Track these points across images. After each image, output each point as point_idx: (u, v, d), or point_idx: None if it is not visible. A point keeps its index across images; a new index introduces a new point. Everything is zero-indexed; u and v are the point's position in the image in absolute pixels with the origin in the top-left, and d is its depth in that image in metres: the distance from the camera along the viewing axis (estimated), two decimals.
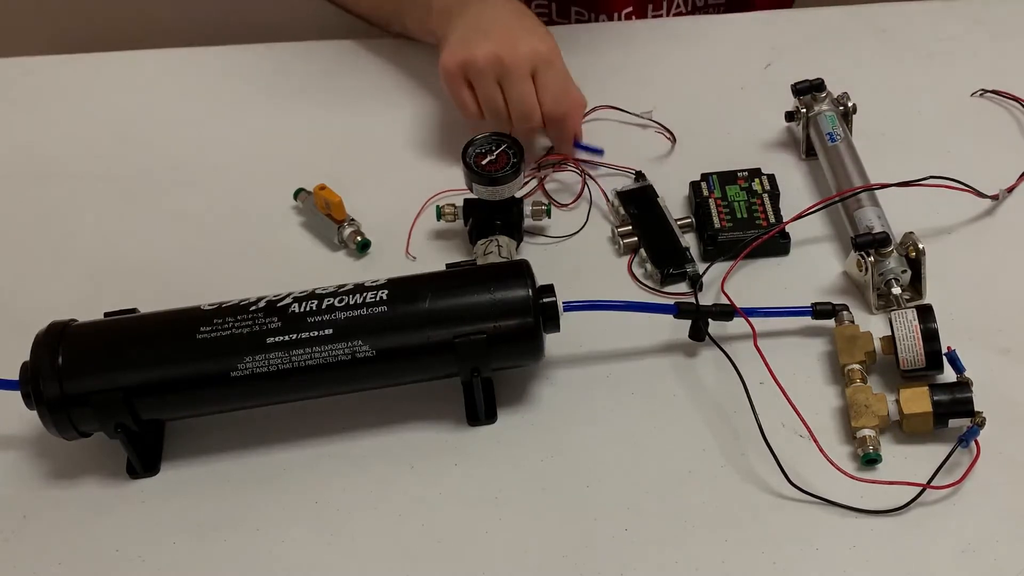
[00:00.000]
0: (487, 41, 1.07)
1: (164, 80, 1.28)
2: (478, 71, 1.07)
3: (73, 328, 0.91)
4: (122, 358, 0.90)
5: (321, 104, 1.22)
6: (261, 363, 0.88)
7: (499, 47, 1.07)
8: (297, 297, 0.90)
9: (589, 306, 0.94)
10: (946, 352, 0.91)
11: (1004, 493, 0.88)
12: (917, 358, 0.91)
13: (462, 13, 1.12)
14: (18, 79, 1.29)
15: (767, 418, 0.93)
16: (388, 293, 0.90)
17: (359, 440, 0.95)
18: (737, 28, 1.27)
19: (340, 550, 0.89)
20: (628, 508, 0.89)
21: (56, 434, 0.90)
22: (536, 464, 0.93)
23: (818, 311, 0.97)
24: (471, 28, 1.10)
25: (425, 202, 1.09)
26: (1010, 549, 0.85)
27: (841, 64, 1.20)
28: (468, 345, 0.89)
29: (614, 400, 0.96)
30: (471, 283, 0.92)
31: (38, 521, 0.92)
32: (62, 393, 0.88)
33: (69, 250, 1.11)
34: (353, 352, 0.89)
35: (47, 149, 1.21)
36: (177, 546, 0.90)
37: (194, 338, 0.89)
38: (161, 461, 0.95)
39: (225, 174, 1.17)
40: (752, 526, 0.88)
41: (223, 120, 1.22)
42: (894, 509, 0.87)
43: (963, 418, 0.89)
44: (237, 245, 1.10)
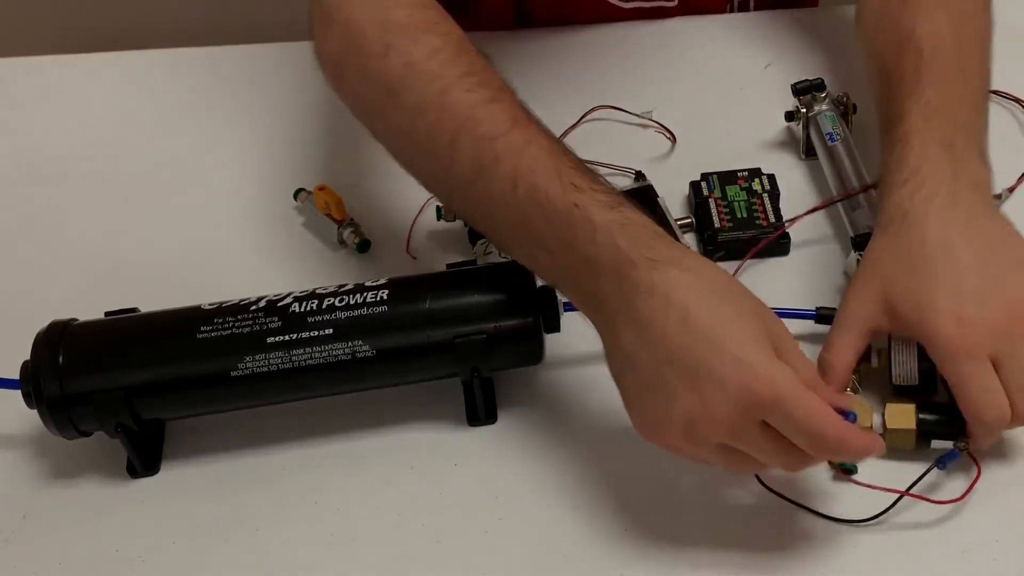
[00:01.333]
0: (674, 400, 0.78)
1: (164, 80, 1.27)
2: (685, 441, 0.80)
3: (74, 327, 0.91)
4: (122, 357, 0.90)
5: (321, 104, 1.22)
6: (261, 363, 0.88)
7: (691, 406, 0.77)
8: (297, 297, 0.90)
9: None
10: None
11: (1004, 494, 0.88)
12: (910, 375, 0.89)
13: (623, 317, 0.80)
14: (18, 79, 1.29)
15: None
16: (388, 293, 0.90)
17: (359, 440, 0.95)
18: (737, 28, 1.27)
19: (340, 550, 0.88)
20: (628, 508, 0.89)
21: (56, 433, 0.90)
22: (536, 464, 0.92)
23: (821, 315, 0.97)
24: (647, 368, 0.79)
25: (425, 202, 1.09)
26: (1010, 549, 0.85)
27: (841, 64, 1.20)
28: (468, 345, 0.89)
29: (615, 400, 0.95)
30: (471, 283, 0.92)
31: (38, 521, 0.92)
32: (62, 392, 0.88)
33: (70, 250, 1.11)
34: (353, 352, 0.89)
35: (47, 149, 1.21)
36: (177, 546, 0.90)
37: (194, 338, 0.89)
38: (161, 460, 0.95)
39: (225, 174, 1.17)
40: (752, 526, 0.87)
41: (223, 120, 1.22)
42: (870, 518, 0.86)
43: (947, 440, 0.87)
44: (238, 245, 1.10)
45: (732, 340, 0.77)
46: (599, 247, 0.80)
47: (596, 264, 0.80)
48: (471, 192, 0.87)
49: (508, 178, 0.83)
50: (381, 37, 0.90)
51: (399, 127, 0.91)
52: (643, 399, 0.81)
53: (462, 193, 0.88)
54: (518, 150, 0.84)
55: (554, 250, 0.83)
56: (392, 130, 0.92)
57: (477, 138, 0.85)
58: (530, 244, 0.85)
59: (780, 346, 0.79)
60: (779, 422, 0.76)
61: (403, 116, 0.89)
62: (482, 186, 0.85)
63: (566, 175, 0.83)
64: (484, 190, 0.85)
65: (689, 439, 0.79)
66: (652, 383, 0.79)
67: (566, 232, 0.81)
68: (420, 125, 0.88)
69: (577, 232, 0.81)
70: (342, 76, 0.95)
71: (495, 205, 0.85)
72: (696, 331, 0.77)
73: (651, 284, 0.78)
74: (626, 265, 0.79)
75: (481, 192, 0.85)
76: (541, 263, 0.86)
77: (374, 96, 0.91)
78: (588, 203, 0.81)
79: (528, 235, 0.84)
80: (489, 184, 0.85)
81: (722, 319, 0.78)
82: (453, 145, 0.86)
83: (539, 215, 0.82)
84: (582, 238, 0.81)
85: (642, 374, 0.79)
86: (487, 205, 0.86)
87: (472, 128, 0.85)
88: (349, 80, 0.94)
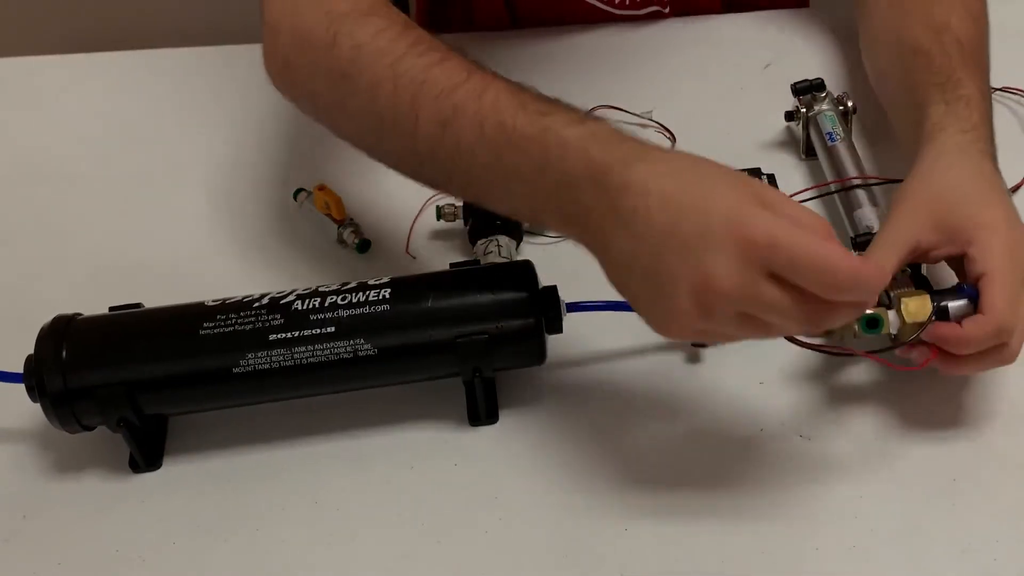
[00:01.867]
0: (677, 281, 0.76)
1: (164, 80, 1.27)
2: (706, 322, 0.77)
3: (77, 322, 0.91)
4: (126, 352, 0.90)
5: None
6: (263, 360, 0.88)
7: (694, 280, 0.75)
8: (300, 294, 0.90)
9: (592, 307, 0.94)
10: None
11: (1004, 493, 0.89)
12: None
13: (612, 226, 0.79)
14: (18, 79, 1.29)
15: (767, 419, 0.93)
16: (391, 292, 0.90)
17: (360, 439, 0.95)
18: (737, 28, 1.27)
19: (340, 550, 0.88)
20: (628, 508, 0.89)
21: (59, 427, 0.90)
22: (536, 464, 0.93)
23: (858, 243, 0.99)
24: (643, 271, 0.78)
25: (425, 202, 1.09)
26: (1010, 549, 0.85)
27: (841, 64, 1.21)
28: (470, 345, 0.90)
29: (615, 401, 0.96)
30: (474, 283, 0.92)
31: (39, 516, 0.92)
32: (65, 386, 0.88)
33: (73, 248, 1.11)
34: (355, 350, 0.89)
35: (47, 149, 1.21)
36: (177, 546, 0.90)
37: (197, 334, 0.89)
38: (164, 456, 0.95)
39: (225, 174, 1.17)
40: (752, 526, 0.88)
41: (223, 120, 1.22)
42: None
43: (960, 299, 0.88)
44: (239, 245, 1.10)
45: (716, 204, 0.75)
46: (574, 163, 0.79)
47: (574, 180, 0.79)
48: (440, 151, 0.86)
49: (474, 123, 0.83)
50: (327, 29, 0.90)
51: (359, 109, 0.90)
52: (649, 295, 0.79)
53: (431, 155, 0.87)
54: (478, 94, 0.84)
55: (531, 179, 0.81)
56: (352, 116, 0.92)
57: (436, 96, 0.85)
58: (506, 180, 0.83)
59: (770, 201, 0.76)
60: (783, 266, 0.73)
61: (361, 98, 0.89)
62: (450, 140, 0.84)
63: (530, 105, 0.82)
64: (452, 143, 0.84)
65: (705, 316, 0.76)
66: (652, 275, 0.77)
67: (540, 157, 0.80)
68: (379, 100, 0.87)
69: (550, 154, 0.80)
70: (294, 79, 0.95)
71: (465, 155, 0.84)
72: (679, 208, 0.75)
73: (626, 183, 0.77)
74: (601, 173, 0.78)
75: (450, 146, 0.85)
76: (520, 198, 0.84)
77: (329, 87, 0.91)
78: (556, 124, 0.80)
79: (502, 172, 0.83)
80: (457, 135, 0.84)
81: (702, 190, 0.76)
82: (414, 108, 0.85)
83: (510, 148, 0.82)
84: (555, 158, 0.80)
85: (641, 271, 0.78)
86: (457, 158, 0.85)
87: (429, 88, 0.85)
88: (302, 80, 0.94)
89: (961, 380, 0.94)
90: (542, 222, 0.86)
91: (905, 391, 0.94)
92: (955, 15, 1.01)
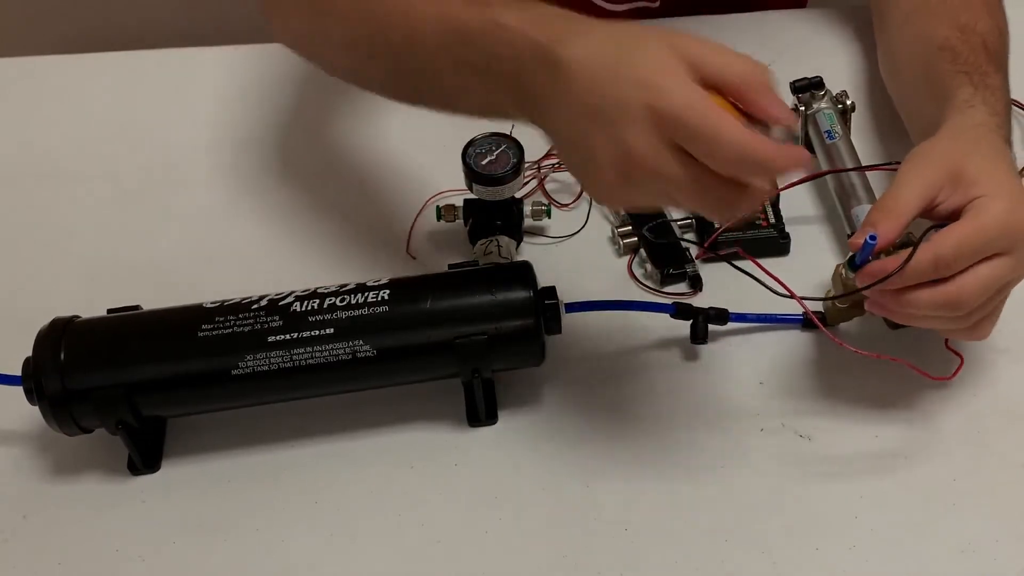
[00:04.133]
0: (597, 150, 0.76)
1: (164, 80, 1.27)
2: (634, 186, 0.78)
3: (76, 324, 0.91)
4: (124, 355, 0.90)
5: (321, 104, 1.22)
6: (262, 361, 0.88)
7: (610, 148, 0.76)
8: (299, 296, 0.90)
9: (590, 306, 0.94)
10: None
11: (1004, 493, 0.89)
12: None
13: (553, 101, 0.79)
14: (18, 79, 1.29)
15: (768, 418, 0.93)
16: (390, 293, 0.90)
17: (359, 440, 0.95)
18: (737, 28, 1.27)
19: (340, 550, 0.89)
20: (628, 508, 0.90)
21: (57, 430, 0.90)
22: (536, 464, 0.93)
23: (807, 321, 0.98)
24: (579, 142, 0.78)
25: (425, 202, 1.09)
26: (1010, 549, 0.86)
27: (841, 64, 1.21)
28: (469, 346, 0.90)
29: (615, 400, 0.96)
30: (473, 284, 0.92)
31: (38, 519, 0.92)
32: (64, 389, 0.88)
33: (71, 249, 1.11)
34: (354, 351, 0.89)
35: (47, 149, 1.21)
36: (177, 545, 0.90)
37: (196, 336, 0.89)
38: (162, 458, 0.95)
39: (225, 174, 1.17)
40: (752, 526, 0.88)
41: (223, 120, 1.22)
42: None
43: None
44: (237, 246, 1.09)
45: (635, 72, 0.74)
46: (520, 48, 0.79)
47: (521, 65, 0.79)
48: (407, 60, 0.88)
49: (436, 31, 0.84)
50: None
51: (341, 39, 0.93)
52: (581, 166, 0.79)
53: (402, 66, 0.89)
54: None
55: (484, 70, 0.82)
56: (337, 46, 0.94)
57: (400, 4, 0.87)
58: (465, 76, 0.84)
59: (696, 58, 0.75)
60: (683, 138, 0.73)
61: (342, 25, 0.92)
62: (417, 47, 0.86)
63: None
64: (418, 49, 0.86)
65: (628, 185, 0.76)
66: (581, 147, 0.77)
67: (486, 45, 0.81)
68: (354, 23, 0.90)
69: (495, 40, 0.80)
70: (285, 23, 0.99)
71: (426, 55, 0.86)
72: (603, 79, 0.75)
73: (560, 59, 0.77)
74: (543, 52, 0.78)
75: (419, 55, 0.87)
76: (481, 91, 0.84)
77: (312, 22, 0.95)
78: (499, 13, 0.81)
79: (460, 69, 0.84)
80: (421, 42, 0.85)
81: (627, 59, 0.75)
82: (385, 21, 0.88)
83: (460, 44, 0.83)
84: (500, 43, 0.80)
85: (572, 143, 0.79)
86: (422, 59, 0.86)
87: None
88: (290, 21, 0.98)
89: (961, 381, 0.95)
90: (507, 113, 0.86)
91: (905, 391, 0.94)
92: (982, 22, 1.01)
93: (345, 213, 1.11)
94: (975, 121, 0.91)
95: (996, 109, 0.93)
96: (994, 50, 0.99)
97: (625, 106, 0.74)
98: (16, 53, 1.31)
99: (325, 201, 1.13)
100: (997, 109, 0.93)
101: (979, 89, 0.94)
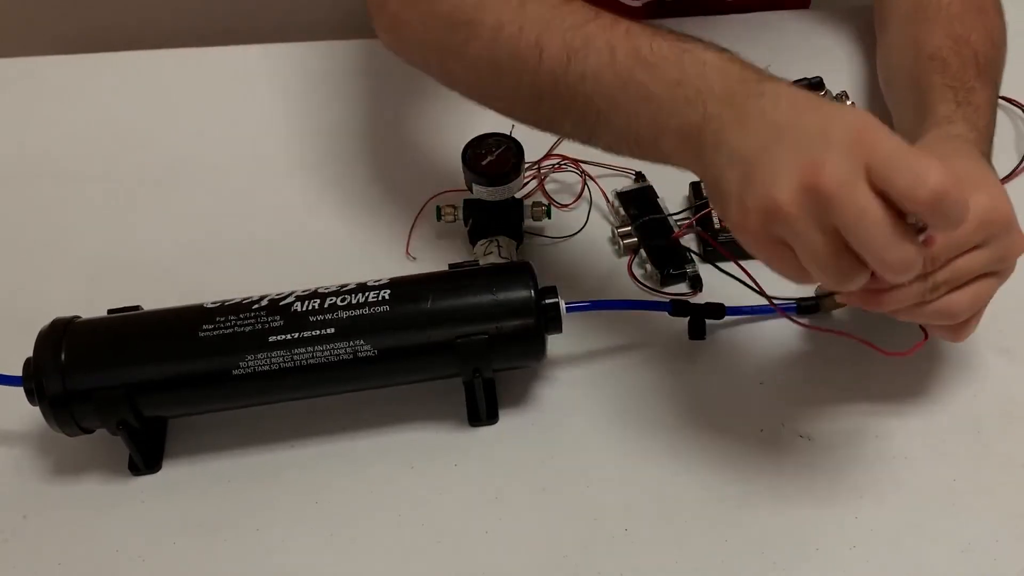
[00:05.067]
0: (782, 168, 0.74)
1: (164, 80, 1.27)
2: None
3: (76, 325, 0.91)
4: (125, 355, 0.90)
5: (321, 104, 1.22)
6: (263, 361, 0.88)
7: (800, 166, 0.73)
8: (300, 296, 0.90)
9: (590, 306, 0.94)
10: None
11: (1004, 493, 0.89)
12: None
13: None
14: (18, 79, 1.29)
15: (768, 418, 0.93)
16: (390, 293, 0.90)
17: (359, 440, 0.95)
18: (737, 28, 1.27)
19: (340, 550, 0.89)
20: (628, 508, 0.90)
21: (58, 430, 0.90)
22: (537, 464, 0.93)
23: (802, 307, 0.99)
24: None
25: (425, 202, 1.09)
26: (1010, 549, 0.86)
27: (841, 64, 1.21)
28: (469, 346, 0.89)
29: (615, 401, 0.96)
30: (473, 284, 0.92)
31: (39, 519, 0.92)
32: (64, 389, 0.88)
33: (72, 249, 1.11)
34: (355, 351, 0.89)
35: (47, 149, 1.21)
36: (177, 546, 0.90)
37: (196, 336, 0.89)
38: (163, 458, 0.95)
39: (225, 174, 1.16)
40: (752, 526, 0.88)
41: (223, 120, 1.22)
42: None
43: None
44: (238, 247, 1.09)
45: (842, 111, 0.75)
46: (711, 78, 0.79)
47: (707, 91, 0.79)
48: (563, 81, 0.85)
49: (604, 49, 0.83)
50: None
51: (478, 54, 0.90)
52: (749, 181, 0.76)
53: (552, 88, 0.86)
54: (610, 26, 0.84)
55: (660, 95, 0.81)
56: (470, 61, 0.91)
57: (564, 30, 0.85)
58: (632, 102, 0.82)
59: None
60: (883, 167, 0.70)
61: (482, 41, 0.89)
62: (576, 67, 0.84)
63: (668, 34, 0.83)
64: (578, 71, 0.84)
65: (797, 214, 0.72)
66: (759, 160, 0.75)
67: (675, 72, 0.81)
68: (502, 41, 0.88)
69: (687, 69, 0.80)
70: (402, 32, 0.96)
71: (590, 81, 0.84)
72: (806, 108, 0.76)
73: (761, 90, 0.77)
74: (738, 83, 0.79)
75: (575, 74, 0.84)
76: (643, 119, 0.83)
77: (448, 34, 0.91)
78: (696, 47, 0.82)
79: (630, 93, 0.82)
80: (584, 62, 0.84)
81: (831, 105, 0.76)
82: (539, 44, 0.86)
83: (643, 68, 0.82)
84: (693, 73, 0.80)
85: (748, 160, 0.76)
86: (580, 87, 0.85)
87: (557, 24, 0.86)
88: (414, 31, 0.95)
89: (961, 381, 0.95)
90: (656, 144, 0.84)
91: (906, 391, 0.94)
92: (976, 32, 1.02)
93: (345, 213, 1.11)
94: (951, 133, 0.92)
95: (977, 126, 0.93)
96: (985, 63, 1.00)
97: (830, 133, 0.73)
98: (16, 53, 1.31)
99: (325, 201, 1.13)
100: (978, 126, 0.93)
101: (962, 106, 0.95)
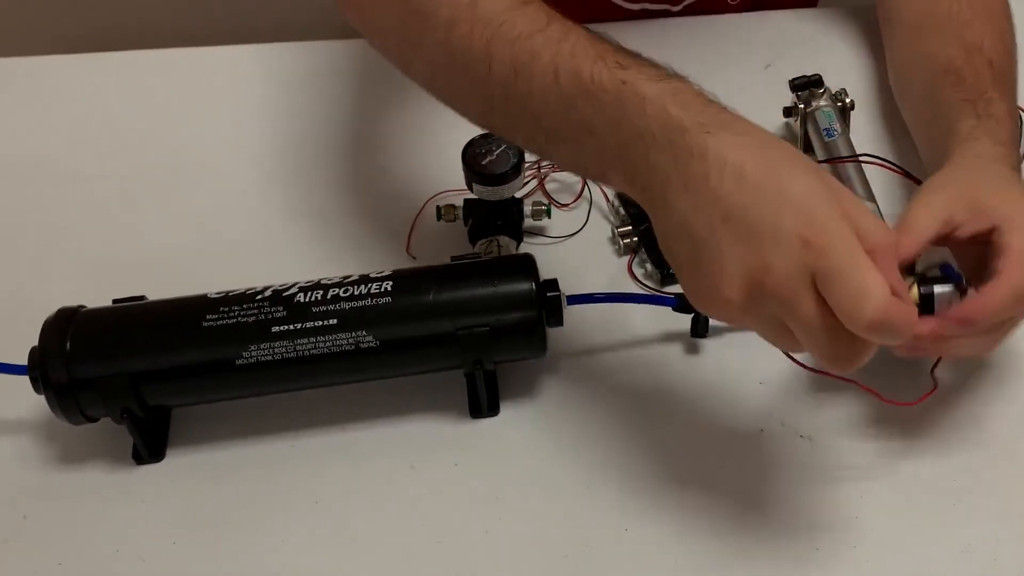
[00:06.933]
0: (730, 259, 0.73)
1: (165, 80, 1.28)
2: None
3: (81, 314, 0.91)
4: (129, 344, 0.90)
5: (321, 104, 1.22)
6: (266, 351, 0.88)
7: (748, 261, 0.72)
8: (303, 287, 0.91)
9: (592, 299, 0.94)
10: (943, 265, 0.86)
11: (1004, 493, 0.89)
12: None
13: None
14: (18, 79, 1.29)
15: (768, 417, 0.93)
16: (393, 284, 0.90)
17: (361, 431, 0.95)
18: (737, 28, 1.27)
19: (340, 550, 0.89)
20: (628, 508, 0.90)
21: (63, 418, 0.90)
22: (537, 463, 0.93)
23: None
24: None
25: (425, 202, 1.09)
26: (1010, 549, 0.86)
27: (840, 64, 1.21)
28: (471, 337, 0.90)
29: (616, 397, 0.96)
30: (475, 276, 0.92)
31: (43, 508, 0.92)
32: (69, 378, 0.88)
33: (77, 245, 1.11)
34: (357, 342, 0.89)
35: (48, 149, 1.21)
36: (177, 545, 0.90)
37: (200, 325, 0.89)
38: (167, 448, 0.95)
39: (226, 174, 1.17)
40: (752, 526, 0.88)
41: (223, 120, 1.22)
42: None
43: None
44: (239, 245, 1.10)
45: (792, 192, 0.71)
46: (650, 118, 0.75)
47: (647, 136, 0.75)
48: (511, 96, 0.82)
49: (548, 70, 0.80)
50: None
51: (434, 48, 0.87)
52: (698, 263, 0.74)
53: (502, 100, 0.83)
54: (556, 41, 0.80)
55: (602, 132, 0.78)
56: (426, 53, 0.88)
57: (512, 39, 0.82)
58: (576, 132, 0.79)
59: (845, 206, 0.72)
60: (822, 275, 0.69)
61: (437, 35, 0.86)
62: (522, 85, 0.81)
63: (610, 57, 0.79)
64: (524, 89, 0.81)
65: (748, 302, 0.72)
66: (706, 245, 0.73)
67: (615, 110, 0.77)
68: (454, 40, 0.84)
69: (627, 107, 0.76)
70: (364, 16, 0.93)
71: (536, 101, 0.81)
72: (753, 187, 0.72)
73: (704, 147, 0.73)
74: (678, 132, 0.74)
75: (522, 91, 0.81)
76: (588, 151, 0.80)
77: (403, 23, 0.88)
78: (636, 78, 0.77)
79: (573, 123, 0.80)
80: (529, 81, 0.81)
81: (782, 174, 0.73)
82: (489, 51, 0.83)
83: (585, 98, 0.78)
84: (632, 112, 0.76)
85: (696, 239, 0.74)
86: (528, 105, 0.82)
87: (506, 31, 0.82)
88: (373, 16, 0.92)
89: (961, 381, 0.95)
90: (606, 178, 0.81)
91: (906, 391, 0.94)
92: (988, 39, 1.01)
93: (345, 213, 1.11)
94: (977, 152, 0.91)
95: (1001, 139, 0.92)
96: (1000, 71, 0.99)
97: (780, 228, 0.71)
98: (16, 53, 1.31)
99: (325, 201, 1.13)
100: (1002, 139, 0.93)
101: (982, 119, 0.94)
